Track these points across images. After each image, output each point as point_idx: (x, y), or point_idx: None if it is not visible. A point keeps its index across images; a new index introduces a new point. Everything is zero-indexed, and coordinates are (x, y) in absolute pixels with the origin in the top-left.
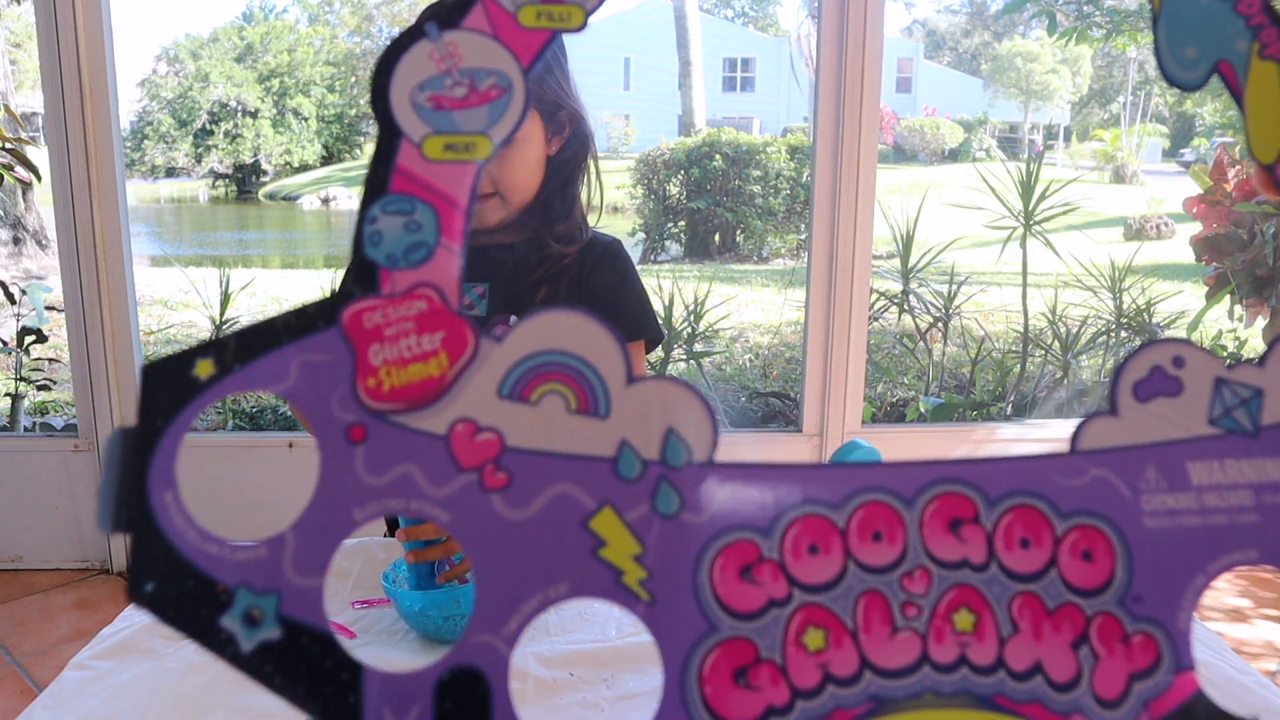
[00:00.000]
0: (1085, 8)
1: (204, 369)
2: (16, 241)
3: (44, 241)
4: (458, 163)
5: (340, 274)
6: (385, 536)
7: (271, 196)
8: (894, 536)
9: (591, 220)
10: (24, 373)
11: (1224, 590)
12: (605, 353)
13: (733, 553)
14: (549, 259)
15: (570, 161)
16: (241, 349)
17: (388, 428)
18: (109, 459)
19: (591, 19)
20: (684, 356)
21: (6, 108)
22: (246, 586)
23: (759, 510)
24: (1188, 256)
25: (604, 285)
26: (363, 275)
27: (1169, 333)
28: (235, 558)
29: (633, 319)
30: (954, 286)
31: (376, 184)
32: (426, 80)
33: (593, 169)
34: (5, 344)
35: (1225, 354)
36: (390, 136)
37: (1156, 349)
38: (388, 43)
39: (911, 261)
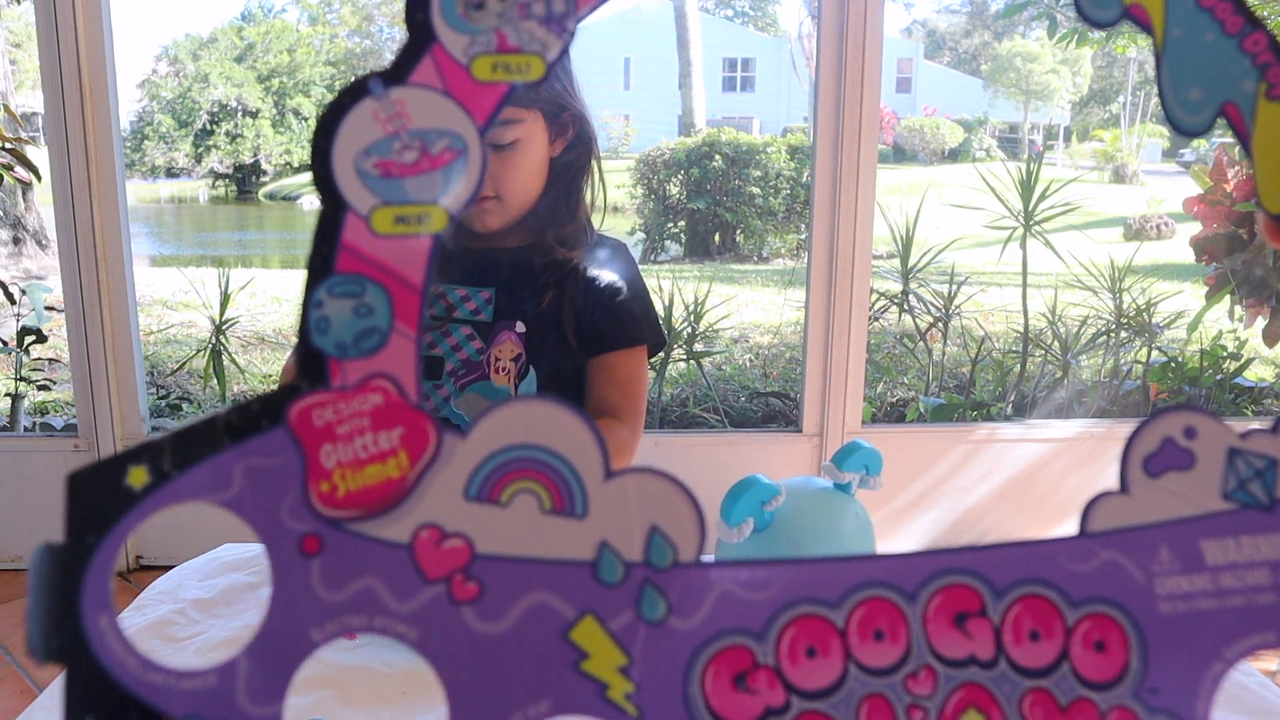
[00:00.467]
0: None
1: (138, 477)
2: (16, 241)
3: (44, 241)
4: (410, 237)
5: None
6: None
7: (271, 196)
8: (896, 635)
9: (595, 222)
10: (24, 373)
11: None
12: (580, 444)
13: (725, 660)
14: (555, 263)
15: (574, 164)
16: (178, 454)
17: (345, 537)
18: (35, 579)
19: (592, 19)
20: (684, 357)
21: (6, 108)
22: (196, 719)
23: (752, 612)
24: (1188, 256)
25: (610, 289)
26: (310, 367)
27: (1169, 333)
28: (182, 687)
29: (638, 323)
30: (954, 286)
31: (321, 264)
32: (372, 144)
33: (596, 171)
34: (5, 344)
35: (1225, 354)
36: (334, 210)
37: (1167, 419)
38: (330, 101)
39: (911, 261)
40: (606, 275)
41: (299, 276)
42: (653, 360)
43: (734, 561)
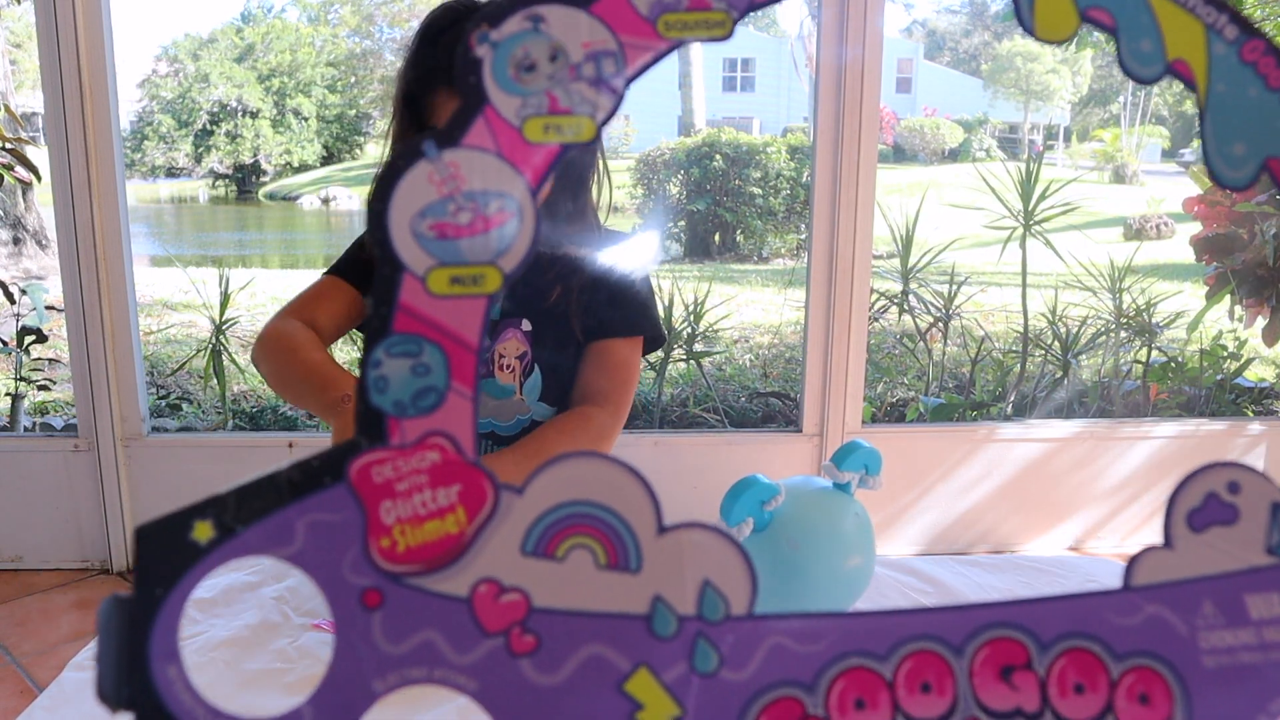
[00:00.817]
0: None
1: (203, 532)
2: (16, 241)
3: (44, 241)
4: (466, 298)
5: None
6: None
7: (271, 196)
8: (943, 687)
9: (602, 218)
10: (24, 373)
11: None
12: (633, 501)
13: (776, 711)
14: (561, 259)
15: (579, 160)
16: (242, 509)
17: (405, 591)
18: (104, 629)
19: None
20: (684, 357)
21: (6, 108)
22: None
23: (803, 663)
24: (1188, 256)
25: (614, 279)
26: (370, 425)
27: (1169, 333)
28: None
29: (637, 314)
30: (954, 286)
31: (379, 324)
32: (428, 206)
33: (602, 167)
34: (5, 344)
35: (1225, 354)
36: (391, 271)
37: (1211, 474)
38: (385, 164)
39: (911, 261)
40: (612, 267)
41: (299, 276)
42: (652, 360)
43: (785, 614)
